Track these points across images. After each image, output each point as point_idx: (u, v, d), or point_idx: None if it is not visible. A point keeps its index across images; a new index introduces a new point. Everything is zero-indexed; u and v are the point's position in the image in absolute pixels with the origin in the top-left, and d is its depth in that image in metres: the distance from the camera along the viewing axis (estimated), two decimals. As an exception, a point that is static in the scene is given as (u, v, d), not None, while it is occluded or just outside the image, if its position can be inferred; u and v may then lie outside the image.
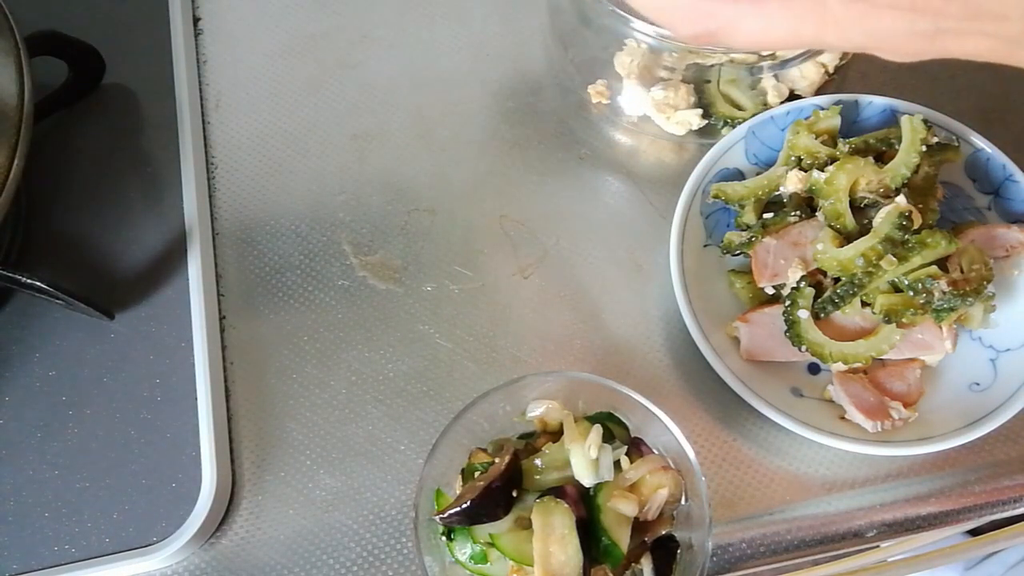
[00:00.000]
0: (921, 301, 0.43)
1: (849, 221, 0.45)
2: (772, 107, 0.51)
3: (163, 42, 0.57)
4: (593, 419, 0.41)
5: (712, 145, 0.50)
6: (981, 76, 0.56)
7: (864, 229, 0.45)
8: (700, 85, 0.53)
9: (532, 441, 0.42)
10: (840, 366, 0.44)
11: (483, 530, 0.38)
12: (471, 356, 0.49)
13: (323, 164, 0.55)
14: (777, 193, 0.48)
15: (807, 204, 0.48)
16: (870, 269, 0.43)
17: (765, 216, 0.48)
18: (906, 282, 0.43)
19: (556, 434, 0.41)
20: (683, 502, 0.40)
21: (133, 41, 0.57)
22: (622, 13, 0.47)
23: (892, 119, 0.50)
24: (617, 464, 0.39)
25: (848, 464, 0.45)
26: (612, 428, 0.41)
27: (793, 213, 0.47)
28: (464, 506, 0.37)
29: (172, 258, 0.51)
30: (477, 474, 0.39)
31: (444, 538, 0.39)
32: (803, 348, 0.44)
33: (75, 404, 0.48)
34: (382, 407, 0.48)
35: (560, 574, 0.36)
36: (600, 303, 0.50)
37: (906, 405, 0.44)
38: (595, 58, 0.55)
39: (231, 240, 0.53)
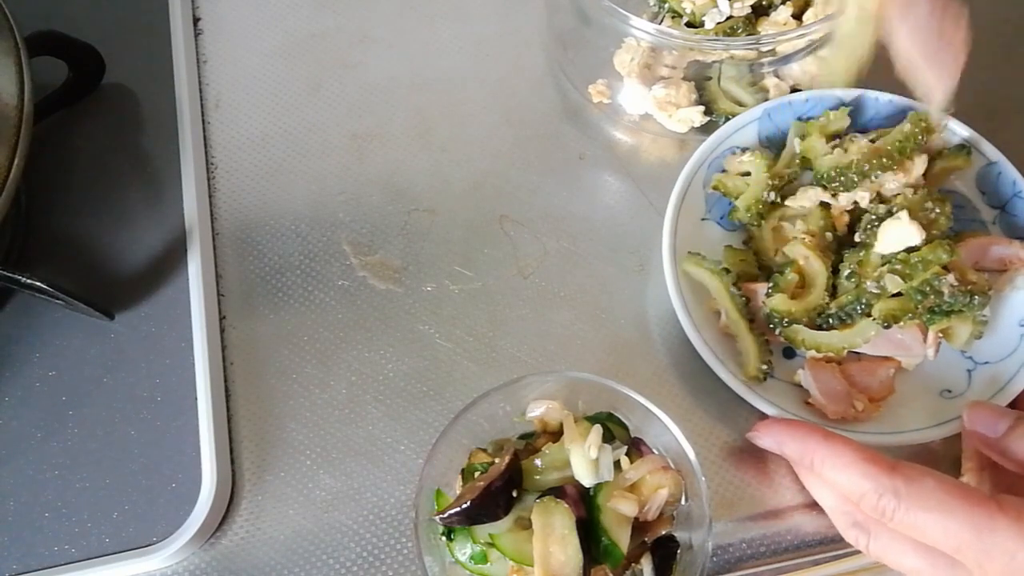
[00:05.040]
0: (929, 303, 0.43)
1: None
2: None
3: (163, 42, 0.57)
4: (593, 419, 0.41)
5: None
6: (983, 76, 0.56)
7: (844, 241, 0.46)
8: (701, 82, 0.53)
9: (532, 441, 0.42)
10: (814, 353, 0.45)
11: (483, 530, 0.38)
12: (471, 356, 0.49)
13: (323, 164, 0.55)
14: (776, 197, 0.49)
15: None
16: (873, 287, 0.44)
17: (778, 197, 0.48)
18: (914, 285, 0.43)
19: (556, 434, 0.41)
20: (683, 502, 0.40)
21: (133, 41, 0.57)
22: (621, 11, 0.47)
23: (900, 118, 0.49)
24: (617, 464, 0.39)
25: (848, 464, 0.45)
26: (612, 428, 0.41)
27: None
28: (464, 506, 0.37)
29: (172, 258, 0.51)
30: (477, 474, 0.39)
31: (444, 538, 0.39)
32: (778, 332, 0.45)
33: (75, 404, 0.48)
34: (382, 407, 0.48)
35: (560, 574, 0.36)
36: (600, 303, 0.50)
37: (872, 400, 0.44)
38: (595, 57, 0.55)
39: (231, 240, 0.53)
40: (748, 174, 0.49)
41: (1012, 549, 0.33)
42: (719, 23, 0.51)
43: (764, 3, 0.52)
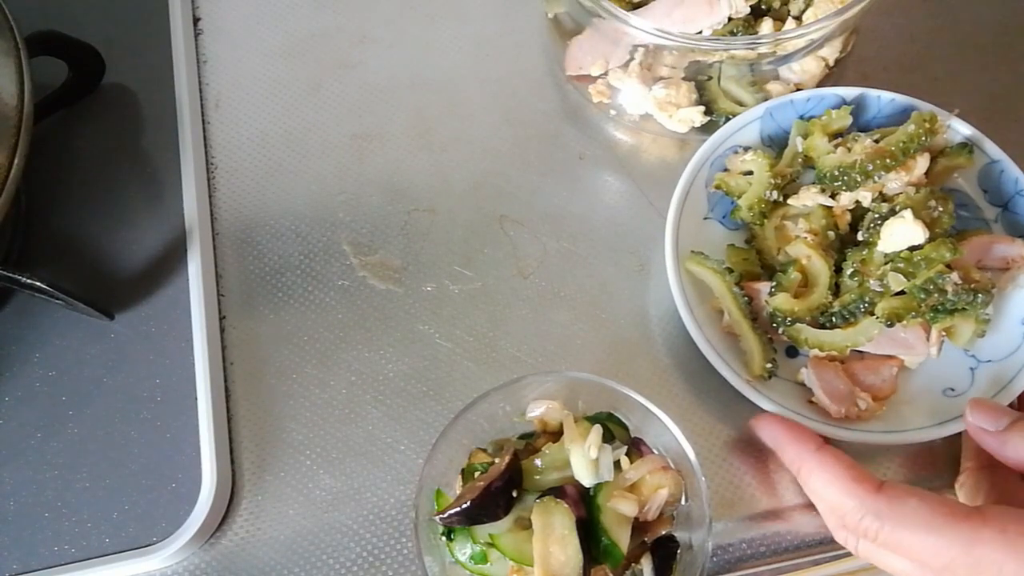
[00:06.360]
0: (933, 302, 0.43)
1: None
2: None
3: (163, 42, 0.57)
4: (593, 419, 0.40)
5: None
6: (982, 77, 0.56)
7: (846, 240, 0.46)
8: (701, 82, 0.53)
9: (532, 441, 0.42)
10: (817, 352, 0.45)
11: (483, 530, 0.38)
12: (471, 356, 0.49)
13: (323, 164, 0.55)
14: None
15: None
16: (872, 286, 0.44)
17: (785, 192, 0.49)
18: (917, 284, 0.43)
19: (556, 434, 0.41)
20: (683, 502, 0.40)
21: (133, 41, 0.57)
22: (621, 11, 0.47)
23: (903, 117, 0.49)
24: (617, 464, 0.39)
25: (849, 464, 0.45)
26: (612, 428, 0.41)
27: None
28: (464, 506, 0.37)
29: (172, 258, 0.51)
30: (477, 474, 0.39)
31: (444, 538, 0.39)
32: (781, 331, 0.45)
33: (75, 404, 0.48)
34: (382, 407, 0.48)
35: (560, 574, 0.36)
36: (600, 303, 0.50)
37: (875, 399, 0.44)
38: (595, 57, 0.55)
39: (231, 240, 0.53)
40: (750, 173, 0.49)
41: (1000, 561, 0.33)
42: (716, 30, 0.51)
43: (763, 6, 0.52)
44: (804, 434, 0.40)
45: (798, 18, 0.51)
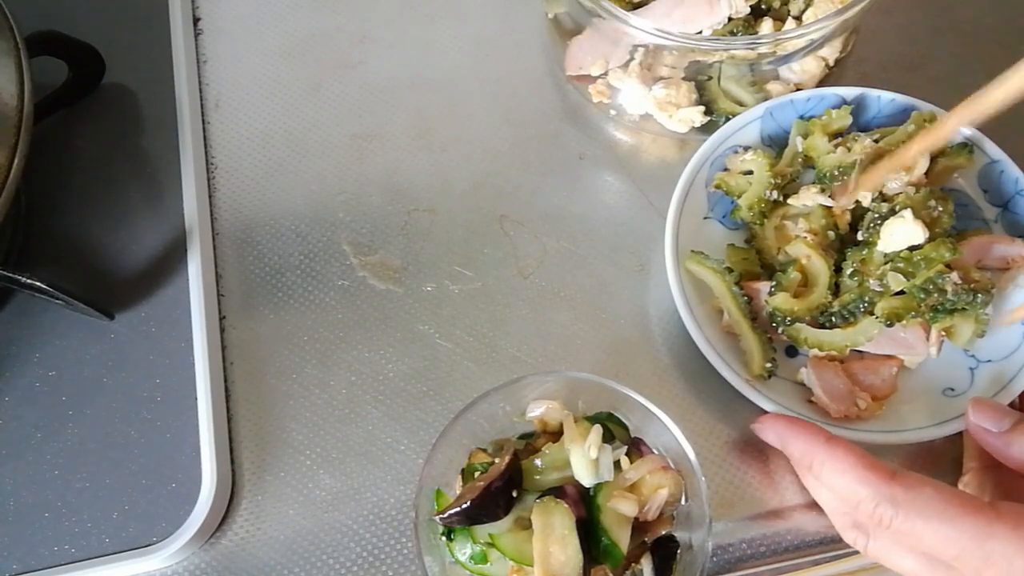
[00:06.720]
0: (932, 301, 0.43)
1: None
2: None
3: (163, 42, 0.57)
4: (593, 419, 0.40)
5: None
6: (982, 77, 0.56)
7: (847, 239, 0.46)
8: (701, 82, 0.53)
9: (532, 441, 0.42)
10: (816, 352, 0.45)
11: (483, 530, 0.38)
12: (471, 356, 0.49)
13: (323, 164, 0.55)
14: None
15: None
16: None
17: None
18: (917, 284, 0.43)
19: (556, 434, 0.41)
20: (683, 502, 0.40)
21: (133, 41, 0.57)
22: (621, 11, 0.47)
23: (903, 117, 0.49)
24: (617, 464, 0.39)
25: (849, 464, 0.45)
26: (612, 428, 0.41)
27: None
28: (464, 506, 0.37)
29: (172, 258, 0.51)
30: (477, 474, 0.39)
31: (444, 538, 0.39)
32: (780, 331, 0.45)
33: (75, 404, 0.48)
34: (382, 407, 0.48)
35: (560, 574, 0.36)
36: (600, 303, 0.50)
37: (875, 398, 0.44)
38: (595, 57, 0.54)
39: (231, 240, 0.53)
40: (750, 173, 0.49)
41: (1011, 556, 0.33)
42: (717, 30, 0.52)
43: (763, 6, 0.52)
44: (811, 428, 0.39)
45: (798, 18, 0.51)
